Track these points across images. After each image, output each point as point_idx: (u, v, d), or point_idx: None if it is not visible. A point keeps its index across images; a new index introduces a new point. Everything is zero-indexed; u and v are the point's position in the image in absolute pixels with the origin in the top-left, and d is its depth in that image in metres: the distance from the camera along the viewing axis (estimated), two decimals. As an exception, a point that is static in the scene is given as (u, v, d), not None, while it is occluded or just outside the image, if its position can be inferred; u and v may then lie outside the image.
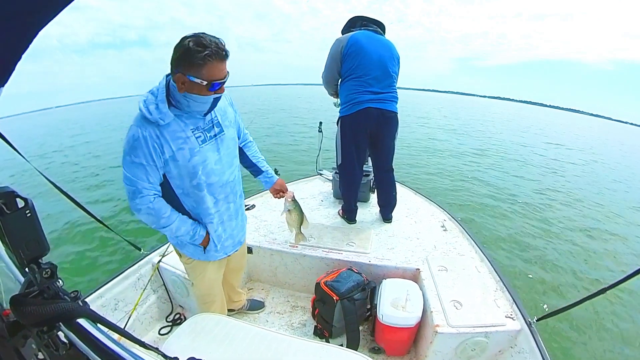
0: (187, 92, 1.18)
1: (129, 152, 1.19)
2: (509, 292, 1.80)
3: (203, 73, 1.13)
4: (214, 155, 1.37)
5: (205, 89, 1.17)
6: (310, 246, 2.27)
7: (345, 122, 2.45)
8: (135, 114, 1.21)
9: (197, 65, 1.11)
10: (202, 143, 1.31)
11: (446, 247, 2.28)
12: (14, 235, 0.58)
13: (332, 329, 1.93)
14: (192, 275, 1.65)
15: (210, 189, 1.39)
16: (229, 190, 1.48)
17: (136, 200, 1.24)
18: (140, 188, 1.23)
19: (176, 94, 1.20)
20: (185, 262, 1.60)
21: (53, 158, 11.49)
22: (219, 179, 1.41)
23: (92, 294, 1.85)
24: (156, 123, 1.18)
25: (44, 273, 0.60)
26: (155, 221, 1.29)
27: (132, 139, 1.17)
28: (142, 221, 1.32)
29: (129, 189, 1.23)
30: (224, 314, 1.87)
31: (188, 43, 1.09)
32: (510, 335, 1.61)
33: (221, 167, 1.41)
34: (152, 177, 1.24)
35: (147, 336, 2.07)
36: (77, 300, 0.63)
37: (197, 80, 1.13)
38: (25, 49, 0.57)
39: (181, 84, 1.16)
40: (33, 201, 0.60)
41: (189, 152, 1.27)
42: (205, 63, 1.11)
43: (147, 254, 2.18)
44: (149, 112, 1.16)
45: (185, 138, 1.26)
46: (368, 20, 2.44)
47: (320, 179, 3.71)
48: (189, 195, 1.37)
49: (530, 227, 5.22)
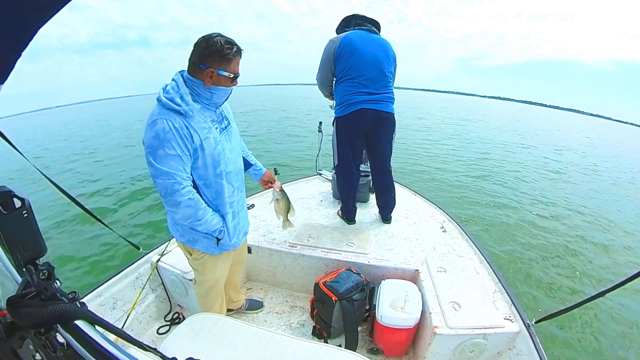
0: (215, 85, 1.29)
1: (161, 146, 1.20)
2: (507, 293, 1.80)
3: (231, 67, 1.28)
4: (228, 145, 1.46)
5: (230, 81, 1.32)
6: (309, 246, 2.27)
7: (340, 123, 2.44)
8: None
9: (227, 60, 1.26)
10: (219, 133, 1.40)
11: (445, 248, 2.28)
12: (11, 235, 0.58)
13: (331, 330, 1.92)
14: (201, 271, 1.64)
15: (229, 177, 1.46)
16: (240, 178, 1.58)
17: (176, 195, 1.24)
18: (179, 180, 1.24)
19: (196, 87, 1.29)
20: (196, 259, 1.58)
21: (53, 158, 11.52)
22: (234, 167, 1.50)
23: (91, 292, 1.85)
24: (184, 114, 1.23)
25: (41, 274, 0.60)
26: (194, 213, 1.30)
27: (162, 131, 1.19)
28: (176, 217, 1.33)
29: (166, 184, 1.22)
30: (223, 314, 1.87)
31: (218, 41, 1.23)
32: (508, 337, 1.61)
33: (235, 156, 1.50)
34: (187, 167, 1.28)
35: (145, 335, 2.06)
36: (75, 301, 0.63)
37: (225, 74, 1.27)
38: (25, 46, 0.57)
39: (209, 78, 1.26)
40: (30, 201, 0.60)
41: (213, 141, 1.34)
42: (233, 58, 1.27)
43: (146, 253, 2.17)
44: (177, 104, 1.21)
45: (208, 128, 1.33)
46: (363, 19, 2.40)
47: (319, 179, 3.71)
48: (210, 186, 1.40)
49: (530, 229, 5.22)
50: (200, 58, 1.24)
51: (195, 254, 1.57)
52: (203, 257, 1.57)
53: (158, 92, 1.26)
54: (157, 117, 1.21)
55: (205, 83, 1.27)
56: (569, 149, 15.37)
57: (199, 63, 1.25)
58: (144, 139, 1.23)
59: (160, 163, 1.21)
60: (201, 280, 1.69)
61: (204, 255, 1.56)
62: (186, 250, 1.59)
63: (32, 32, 0.56)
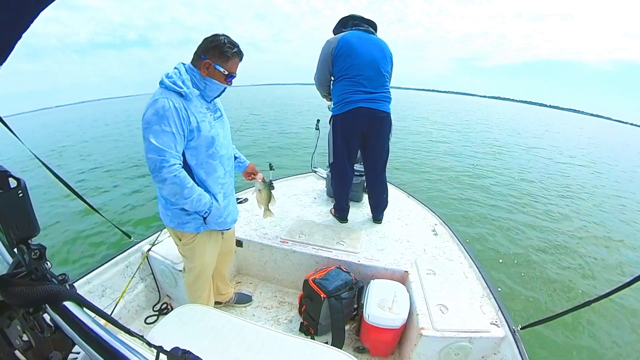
0: (209, 77, 1.39)
1: (159, 122, 1.27)
2: (495, 299, 1.82)
3: (227, 65, 1.40)
4: (222, 132, 1.56)
5: (224, 78, 1.42)
6: (300, 243, 2.28)
7: (337, 121, 2.45)
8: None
9: (225, 57, 1.38)
10: (214, 120, 1.50)
11: (436, 251, 2.30)
12: (5, 214, 0.58)
13: (318, 327, 1.94)
14: (190, 257, 1.67)
15: (222, 160, 1.54)
16: (230, 164, 1.66)
17: (163, 171, 1.28)
18: (168, 157, 1.28)
19: (194, 76, 1.39)
20: (185, 244, 1.62)
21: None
22: (227, 152, 1.59)
23: (80, 279, 1.84)
24: (185, 96, 1.33)
25: (33, 254, 0.60)
26: (180, 191, 1.33)
27: (162, 109, 1.27)
28: (164, 193, 1.37)
29: (155, 160, 1.27)
30: (211, 304, 1.88)
31: (223, 39, 1.36)
32: (494, 341, 1.63)
33: (226, 143, 1.60)
34: (179, 146, 1.33)
35: (133, 324, 2.06)
36: (65, 283, 0.63)
37: (221, 69, 1.39)
38: (26, 28, 0.57)
39: (205, 69, 1.37)
40: (26, 182, 0.60)
41: (208, 125, 1.44)
42: (232, 57, 1.40)
43: (137, 242, 2.17)
44: (178, 86, 1.32)
45: (204, 113, 1.43)
46: (359, 20, 2.43)
47: (314, 176, 3.72)
48: (202, 166, 1.46)
49: (522, 235, 5.26)
50: (203, 49, 1.37)
51: (185, 238, 1.60)
52: (192, 242, 1.60)
53: (162, 79, 1.34)
54: (159, 96, 1.29)
55: (202, 73, 1.38)
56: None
57: (201, 53, 1.37)
58: (143, 116, 1.30)
59: (154, 138, 1.26)
60: (190, 267, 1.72)
61: (193, 240, 1.60)
62: (176, 236, 1.64)
63: (34, 14, 0.56)
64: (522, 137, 17.57)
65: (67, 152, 12.00)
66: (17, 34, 0.57)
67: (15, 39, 0.58)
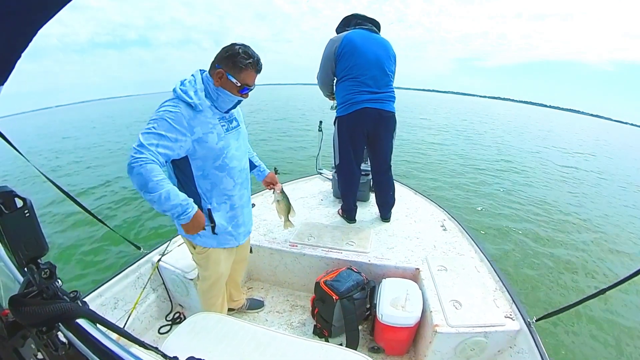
0: (222, 87, 1.36)
1: (155, 121, 1.26)
2: (508, 292, 1.80)
3: (240, 76, 1.35)
4: (235, 143, 1.52)
5: (236, 89, 1.37)
6: (310, 245, 2.27)
7: (342, 122, 2.44)
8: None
9: (238, 68, 1.33)
10: (226, 131, 1.46)
11: (446, 246, 2.28)
12: (13, 235, 0.58)
13: (332, 329, 1.93)
14: (204, 266, 1.66)
15: (231, 172, 1.50)
16: (244, 176, 1.62)
17: (133, 160, 1.20)
18: (142, 150, 1.21)
19: (209, 87, 1.37)
20: (199, 253, 1.61)
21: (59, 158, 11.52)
22: (239, 164, 1.55)
23: (92, 292, 1.85)
24: (194, 107, 1.31)
25: (43, 273, 0.60)
26: (144, 184, 1.21)
27: (164, 112, 1.27)
28: (134, 185, 1.25)
29: (133, 150, 1.21)
30: (224, 312, 1.88)
31: (238, 49, 1.32)
32: (509, 335, 1.61)
33: (240, 154, 1.56)
34: (161, 149, 1.26)
35: (147, 335, 2.07)
36: (76, 300, 0.63)
37: (234, 80, 1.34)
38: (25, 47, 0.57)
39: (218, 79, 1.35)
40: (32, 201, 0.60)
41: (217, 136, 1.40)
42: (245, 68, 1.34)
43: (146, 253, 2.18)
44: (189, 96, 1.30)
45: (214, 124, 1.40)
46: (363, 19, 2.41)
47: (320, 178, 3.71)
48: (207, 177, 1.44)
49: (531, 225, 5.22)
50: (218, 58, 1.34)
51: (199, 247, 1.60)
52: (206, 252, 1.60)
53: (175, 85, 1.34)
54: (168, 102, 1.31)
55: (215, 82, 1.36)
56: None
57: (216, 62, 1.35)
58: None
59: (143, 135, 1.24)
60: (204, 276, 1.71)
61: (207, 250, 1.59)
62: (190, 244, 1.63)
63: (32, 33, 0.56)
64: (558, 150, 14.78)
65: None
66: (17, 53, 0.57)
67: (15, 58, 0.58)
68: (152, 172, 1.21)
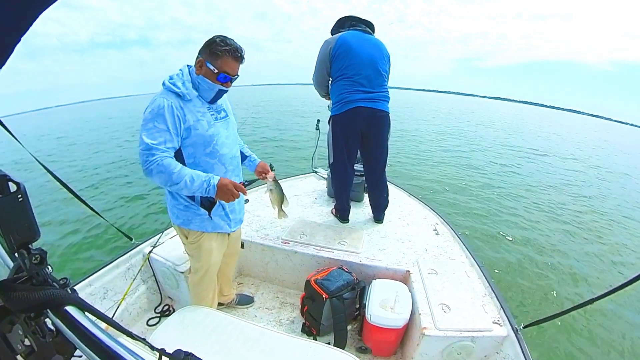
0: (202, 75, 1.40)
1: (153, 120, 1.30)
2: (497, 297, 1.81)
3: (217, 63, 1.38)
4: (225, 132, 1.56)
5: (214, 77, 1.40)
6: (302, 243, 2.28)
7: (337, 121, 2.45)
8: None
9: (214, 55, 1.37)
10: (215, 120, 1.51)
11: (437, 250, 2.30)
12: (5, 219, 0.57)
13: (320, 327, 1.93)
14: (197, 257, 1.67)
15: (222, 159, 1.54)
16: (235, 164, 1.65)
17: (148, 163, 1.28)
18: (154, 152, 1.28)
19: (193, 77, 1.42)
20: (192, 242, 1.62)
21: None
22: (229, 151, 1.59)
23: (82, 282, 1.85)
24: (182, 96, 1.37)
25: (34, 259, 0.60)
26: (168, 178, 1.31)
27: (157, 107, 1.31)
28: (156, 183, 1.35)
29: (143, 154, 1.28)
30: (215, 306, 1.88)
31: (216, 38, 1.38)
32: (496, 340, 1.63)
33: (230, 142, 1.60)
34: (169, 143, 1.33)
35: (135, 326, 2.06)
36: (66, 287, 0.62)
37: (212, 67, 1.38)
38: (25, 31, 0.57)
39: (199, 67, 1.40)
40: (25, 186, 0.60)
41: (207, 124, 1.45)
42: (222, 55, 1.37)
43: (138, 244, 2.17)
44: (177, 87, 1.36)
45: (203, 112, 1.45)
46: (357, 20, 2.44)
47: (315, 177, 3.72)
48: (199, 165, 1.47)
49: (523, 232, 5.26)
50: (201, 49, 1.40)
51: (192, 236, 1.60)
52: (199, 240, 1.60)
53: (164, 81, 1.39)
54: (158, 96, 1.34)
55: (196, 71, 1.42)
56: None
57: (199, 53, 1.41)
58: (143, 113, 1.34)
59: (145, 135, 1.29)
60: (196, 267, 1.71)
61: (200, 237, 1.59)
62: (182, 234, 1.63)
63: (33, 17, 0.56)
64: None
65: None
66: (16, 37, 0.57)
67: (14, 41, 0.58)
68: (169, 167, 1.30)
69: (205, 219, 1.56)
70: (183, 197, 1.51)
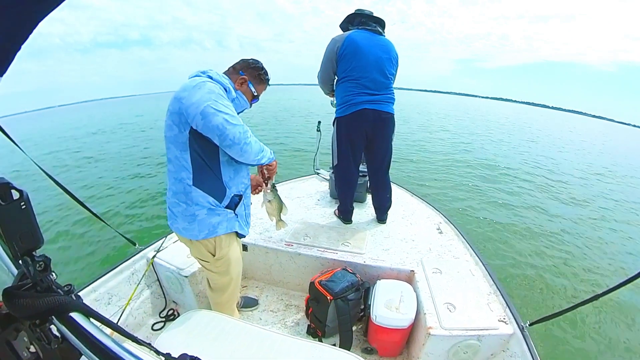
0: (241, 91, 1.50)
1: (219, 98, 1.28)
2: (502, 295, 1.81)
3: (258, 87, 1.56)
4: None
5: (251, 97, 1.55)
6: (305, 245, 2.28)
7: (341, 123, 2.44)
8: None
9: (259, 80, 1.55)
10: None
11: (441, 249, 2.29)
12: (8, 226, 0.58)
13: (326, 329, 1.93)
14: (225, 269, 1.61)
15: None
16: (249, 168, 1.66)
17: (246, 137, 1.33)
18: (245, 128, 1.34)
19: (231, 84, 1.46)
20: (220, 257, 1.55)
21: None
22: None
23: (86, 287, 1.85)
24: (228, 91, 1.41)
25: (38, 266, 0.60)
26: (260, 146, 1.44)
27: (215, 88, 1.31)
28: (250, 155, 1.38)
29: (238, 129, 1.29)
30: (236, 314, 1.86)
31: (262, 65, 1.55)
32: (502, 339, 1.62)
33: None
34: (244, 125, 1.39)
35: (140, 331, 2.06)
36: (70, 294, 0.62)
37: (252, 89, 1.53)
38: (26, 38, 0.57)
39: (240, 84, 1.49)
40: (28, 193, 0.60)
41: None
42: (263, 83, 1.58)
43: (141, 249, 2.17)
44: (225, 84, 1.40)
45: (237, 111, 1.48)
46: (367, 18, 2.38)
47: (317, 179, 3.72)
48: (232, 164, 1.47)
49: (526, 231, 5.24)
50: (242, 66, 1.51)
51: (221, 250, 1.53)
52: (229, 250, 1.55)
53: (197, 74, 1.37)
54: (206, 80, 1.33)
55: (236, 85, 1.48)
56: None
57: (240, 69, 1.50)
58: (192, 99, 1.24)
59: (233, 119, 1.28)
60: (224, 283, 1.66)
61: (229, 247, 1.55)
62: (208, 251, 1.53)
63: (33, 24, 0.56)
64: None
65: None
66: (16, 46, 0.57)
67: (14, 50, 0.58)
68: (256, 140, 1.41)
69: (232, 217, 1.51)
70: (206, 201, 1.41)
